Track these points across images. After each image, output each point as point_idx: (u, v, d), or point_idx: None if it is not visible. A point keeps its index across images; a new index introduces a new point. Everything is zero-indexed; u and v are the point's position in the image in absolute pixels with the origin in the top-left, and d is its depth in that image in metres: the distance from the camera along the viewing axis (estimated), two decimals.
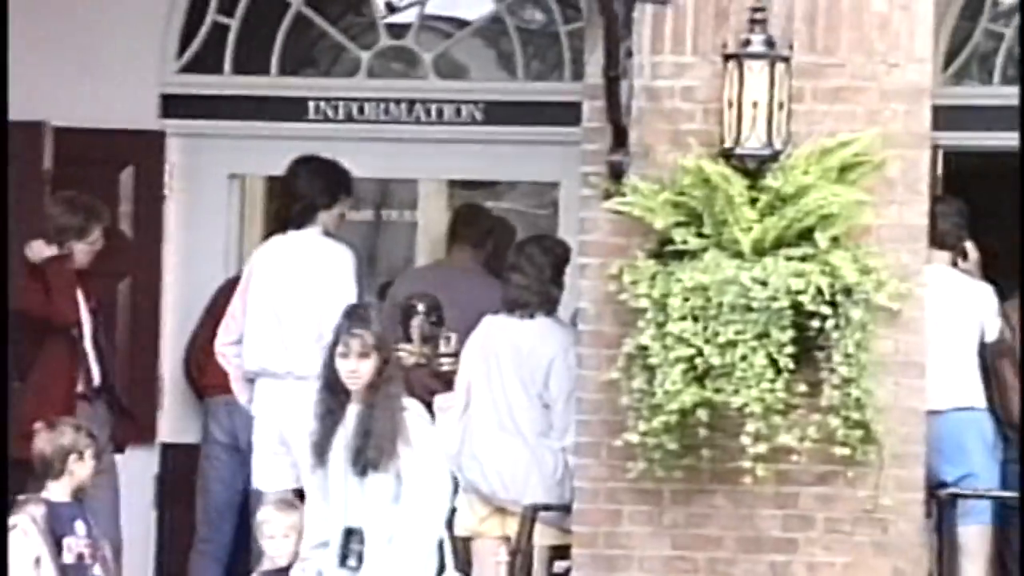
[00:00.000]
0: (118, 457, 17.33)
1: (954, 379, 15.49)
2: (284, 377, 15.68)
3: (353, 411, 13.89)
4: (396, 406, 13.93)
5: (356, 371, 13.84)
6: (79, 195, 17.65)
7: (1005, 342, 16.12)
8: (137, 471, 18.14)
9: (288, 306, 16.02)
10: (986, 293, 16.16)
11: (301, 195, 16.75)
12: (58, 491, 14.40)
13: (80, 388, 17.14)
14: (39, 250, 17.24)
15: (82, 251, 17.35)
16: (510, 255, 16.64)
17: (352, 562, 13.66)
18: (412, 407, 14.12)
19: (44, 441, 14.60)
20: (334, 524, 13.95)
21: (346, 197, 17.22)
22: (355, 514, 13.76)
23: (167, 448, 18.84)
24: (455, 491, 15.05)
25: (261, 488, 15.88)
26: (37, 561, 14.29)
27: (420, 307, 17.33)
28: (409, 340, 16.61)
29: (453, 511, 14.97)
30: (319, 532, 14.10)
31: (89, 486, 14.91)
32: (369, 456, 13.67)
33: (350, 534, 13.73)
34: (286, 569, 14.64)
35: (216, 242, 19.02)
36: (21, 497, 14.63)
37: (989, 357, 15.98)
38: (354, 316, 14.35)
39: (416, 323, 16.89)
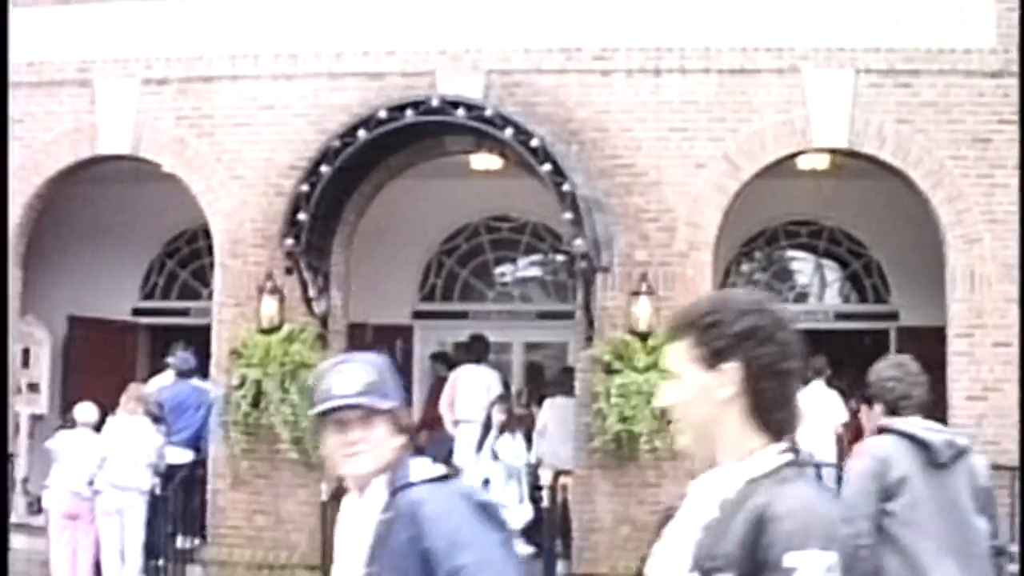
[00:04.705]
0: None
1: None
2: (471, 421, 15.46)
3: (494, 432, 14.48)
4: (513, 431, 14.52)
5: (499, 417, 14.56)
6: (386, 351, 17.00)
7: None
8: None
9: (479, 392, 15.75)
10: None
11: (478, 349, 16.62)
12: None
13: None
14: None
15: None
16: (562, 375, 16.33)
17: (487, 488, 13.84)
18: (516, 434, 14.62)
19: None
20: (482, 475, 14.23)
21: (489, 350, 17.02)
22: (490, 472, 14.27)
23: None
24: (538, 466, 15.26)
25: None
26: None
27: (515, 391, 17.20)
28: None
29: (534, 475, 15.11)
30: (477, 478, 14.13)
31: None
32: (496, 451, 14.33)
33: (487, 481, 14.08)
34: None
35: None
36: None
37: None
38: (497, 398, 15.06)
39: (514, 399, 16.33)
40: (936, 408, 14.26)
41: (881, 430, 6.15)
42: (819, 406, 15.12)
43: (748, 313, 3.19)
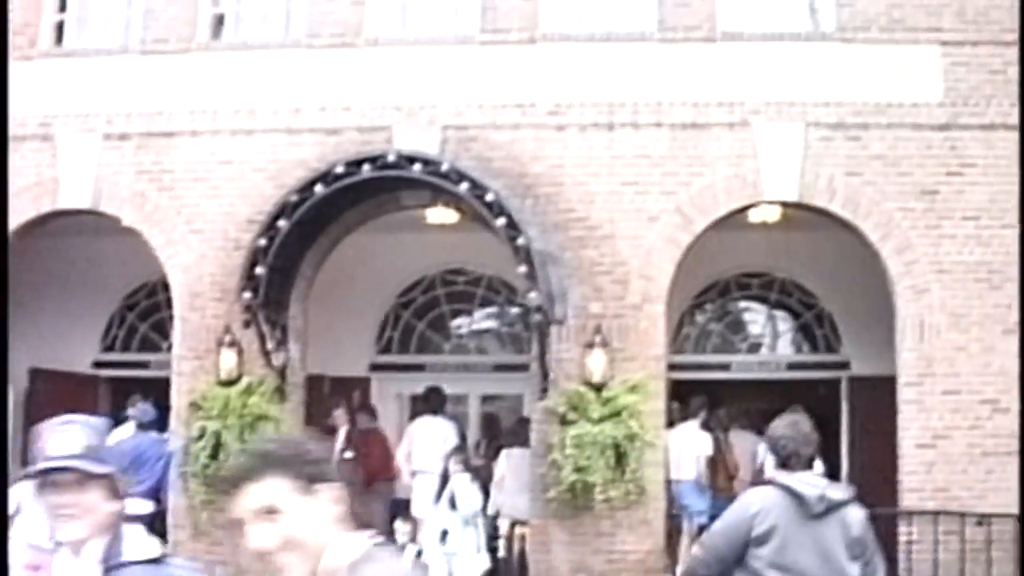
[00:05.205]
0: None
1: (685, 466, 15.53)
2: (429, 472, 15.34)
3: (451, 483, 14.27)
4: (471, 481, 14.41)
5: (456, 469, 14.37)
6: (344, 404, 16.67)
7: (712, 454, 15.80)
8: None
9: (436, 444, 15.76)
10: (703, 436, 15.80)
11: (435, 401, 16.62)
12: None
13: None
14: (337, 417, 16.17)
15: (338, 417, 16.31)
16: (518, 426, 16.03)
17: (445, 540, 14.09)
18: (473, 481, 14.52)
19: None
20: (440, 525, 14.18)
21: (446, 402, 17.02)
22: (448, 523, 14.17)
23: None
24: (496, 517, 15.26)
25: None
26: None
27: (471, 442, 17.09)
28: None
29: (492, 525, 15.13)
30: (436, 528, 14.27)
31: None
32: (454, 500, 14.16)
33: (445, 532, 14.12)
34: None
35: (392, 421, 17.94)
36: None
37: (704, 461, 15.73)
38: (454, 449, 14.99)
39: (471, 451, 16.29)
40: (888, 455, 14.53)
41: (768, 482, 6.80)
42: None
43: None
